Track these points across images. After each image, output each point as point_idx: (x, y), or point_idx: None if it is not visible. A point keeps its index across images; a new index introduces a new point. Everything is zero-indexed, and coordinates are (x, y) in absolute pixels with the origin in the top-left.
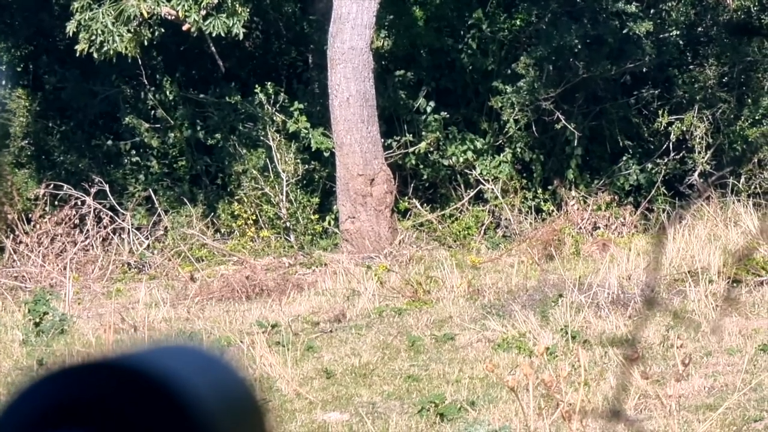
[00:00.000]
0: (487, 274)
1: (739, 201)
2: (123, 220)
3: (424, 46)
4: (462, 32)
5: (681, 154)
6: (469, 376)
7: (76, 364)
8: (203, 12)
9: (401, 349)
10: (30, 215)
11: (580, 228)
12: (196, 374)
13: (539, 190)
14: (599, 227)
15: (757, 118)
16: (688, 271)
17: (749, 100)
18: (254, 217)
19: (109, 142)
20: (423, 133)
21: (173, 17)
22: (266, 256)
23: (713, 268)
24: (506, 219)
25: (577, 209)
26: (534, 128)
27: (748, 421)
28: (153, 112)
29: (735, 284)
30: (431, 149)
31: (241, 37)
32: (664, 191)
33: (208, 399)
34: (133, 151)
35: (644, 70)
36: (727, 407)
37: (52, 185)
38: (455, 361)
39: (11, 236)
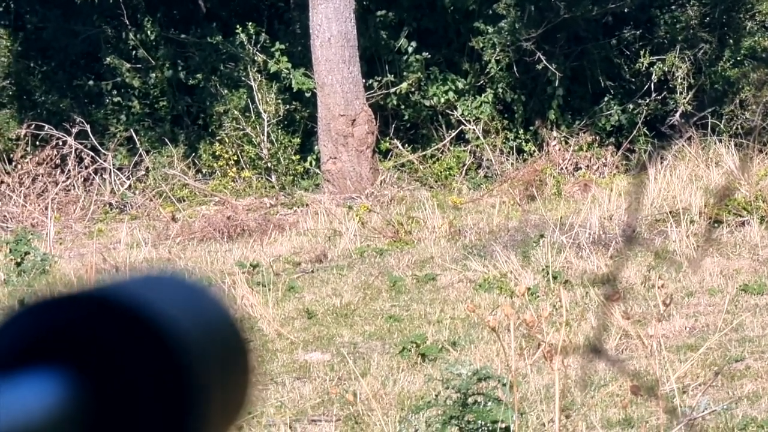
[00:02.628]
0: (469, 215)
1: (720, 141)
2: (104, 161)
3: None
4: None
5: (662, 95)
6: (451, 316)
7: (41, 299)
8: None
9: (382, 289)
10: (11, 155)
11: (562, 168)
12: (174, 303)
13: (520, 131)
14: (581, 168)
15: (738, 58)
16: (670, 212)
17: (731, 41)
18: (235, 158)
19: (91, 83)
20: (404, 73)
21: None
22: (247, 196)
23: (694, 208)
24: (487, 159)
25: (559, 150)
26: (515, 69)
27: (729, 361)
28: (134, 52)
29: (716, 224)
30: (412, 90)
31: None
32: (646, 132)
33: (188, 329)
34: (115, 92)
35: (626, 10)
36: (708, 347)
37: (33, 125)
38: (436, 301)
39: None
